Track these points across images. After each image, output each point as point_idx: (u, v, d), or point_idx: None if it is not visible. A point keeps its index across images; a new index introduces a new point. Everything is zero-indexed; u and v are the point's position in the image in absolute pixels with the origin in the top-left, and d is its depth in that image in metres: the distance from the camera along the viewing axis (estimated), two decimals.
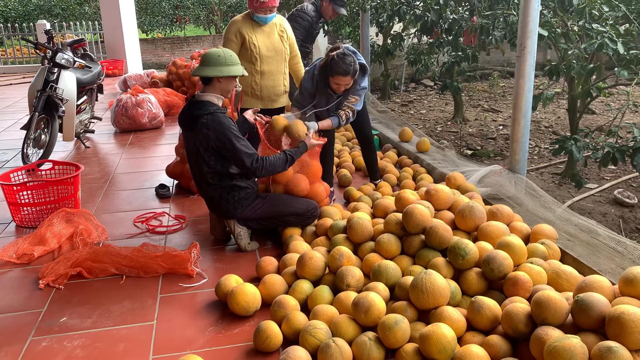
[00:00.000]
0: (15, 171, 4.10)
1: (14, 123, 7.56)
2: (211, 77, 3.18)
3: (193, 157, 3.30)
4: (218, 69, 3.14)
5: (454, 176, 3.78)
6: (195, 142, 3.21)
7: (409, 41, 8.19)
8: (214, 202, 3.35)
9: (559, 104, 7.97)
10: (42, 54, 5.61)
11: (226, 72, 3.16)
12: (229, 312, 2.70)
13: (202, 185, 3.34)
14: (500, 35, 5.17)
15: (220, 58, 3.16)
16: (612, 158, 3.66)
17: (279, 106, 4.27)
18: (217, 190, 3.27)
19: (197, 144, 3.19)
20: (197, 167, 3.29)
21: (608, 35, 3.78)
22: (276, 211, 3.39)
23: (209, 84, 3.22)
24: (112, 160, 5.66)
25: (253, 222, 3.42)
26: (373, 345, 2.23)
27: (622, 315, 1.92)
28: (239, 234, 3.38)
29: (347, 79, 3.55)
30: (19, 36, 14.08)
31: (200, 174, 3.30)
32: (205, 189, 3.33)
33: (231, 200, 3.28)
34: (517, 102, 3.76)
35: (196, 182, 3.41)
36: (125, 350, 2.45)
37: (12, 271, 3.23)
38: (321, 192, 3.64)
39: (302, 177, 3.58)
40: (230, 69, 3.17)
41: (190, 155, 3.34)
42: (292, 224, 3.45)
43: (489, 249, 2.66)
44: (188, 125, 3.23)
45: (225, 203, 3.29)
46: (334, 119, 3.78)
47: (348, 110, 3.78)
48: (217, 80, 3.19)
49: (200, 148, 3.19)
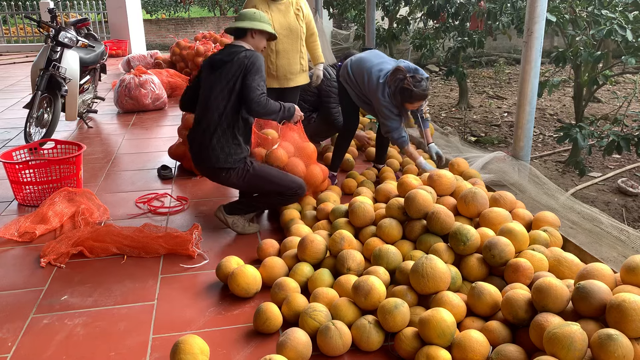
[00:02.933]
0: (18, 149, 4.09)
1: (16, 102, 7.54)
2: (245, 30, 3.33)
3: (207, 101, 3.29)
4: (253, 23, 3.32)
5: (457, 162, 3.77)
6: (219, 81, 3.24)
7: (415, 25, 8.12)
8: (205, 150, 3.25)
9: (564, 92, 7.91)
10: (45, 33, 5.57)
11: (259, 26, 3.33)
12: (229, 293, 2.71)
13: (205, 132, 3.25)
14: (508, 21, 5.12)
15: (256, 15, 3.36)
16: (617, 146, 3.64)
17: (295, 85, 4.29)
18: (216, 136, 3.23)
19: (222, 81, 3.22)
20: (207, 112, 3.26)
21: (617, 22, 3.74)
22: (260, 185, 3.36)
23: (243, 37, 3.36)
24: (115, 141, 5.65)
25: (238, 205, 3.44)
26: (372, 329, 2.24)
27: (622, 303, 1.91)
28: (233, 223, 3.39)
29: (425, 100, 3.68)
30: (22, 15, 13.99)
31: (207, 119, 3.26)
32: (203, 136, 3.25)
33: (225, 150, 3.22)
34: (523, 88, 3.72)
35: (195, 131, 3.34)
36: (126, 329, 2.46)
37: (13, 249, 3.24)
38: (317, 174, 3.63)
39: (298, 161, 3.57)
40: (263, 25, 3.34)
41: (204, 100, 3.31)
42: (274, 205, 3.49)
43: (491, 235, 2.65)
44: (218, 64, 3.28)
45: (218, 150, 3.21)
46: (426, 123, 3.93)
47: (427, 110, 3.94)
48: (250, 35, 3.34)
49: (222, 86, 3.22)
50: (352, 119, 4.12)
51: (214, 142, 3.23)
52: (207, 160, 3.28)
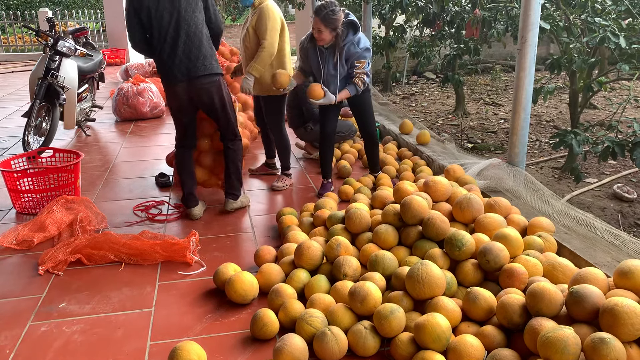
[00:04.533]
0: (16, 158, 4.11)
1: (15, 110, 7.57)
2: None
3: (183, 17, 3.44)
4: None
5: (453, 168, 3.79)
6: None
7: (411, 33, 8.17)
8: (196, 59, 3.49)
9: (560, 99, 7.96)
10: (43, 42, 5.60)
11: None
12: (226, 300, 2.73)
13: (192, 44, 3.47)
14: (503, 28, 5.16)
15: None
16: (612, 152, 3.66)
17: (256, 94, 4.32)
18: (203, 46, 3.52)
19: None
20: (187, 27, 3.45)
21: (610, 29, 3.78)
22: (226, 104, 3.72)
23: None
24: (113, 149, 5.67)
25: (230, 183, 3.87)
26: (369, 334, 2.25)
27: (615, 307, 1.93)
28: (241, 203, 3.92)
29: (319, 23, 3.64)
30: (21, 24, 14.05)
31: (189, 33, 3.46)
32: (191, 47, 3.47)
33: (214, 56, 3.58)
34: (518, 95, 3.76)
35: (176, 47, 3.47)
36: (124, 336, 2.47)
37: (12, 257, 3.25)
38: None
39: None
40: None
41: (178, 18, 3.43)
42: (239, 160, 3.91)
43: (486, 240, 2.68)
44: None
45: (209, 57, 3.53)
46: (350, 87, 3.84)
47: (360, 75, 3.80)
48: None
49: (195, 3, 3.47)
50: (328, 124, 4.08)
51: (204, 51, 3.49)
52: (207, 67, 3.50)
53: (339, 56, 3.75)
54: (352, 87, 3.85)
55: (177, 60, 3.45)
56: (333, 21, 3.63)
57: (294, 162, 5.14)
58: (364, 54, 3.77)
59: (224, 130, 3.80)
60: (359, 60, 3.76)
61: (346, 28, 3.71)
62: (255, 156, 5.34)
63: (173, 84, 3.52)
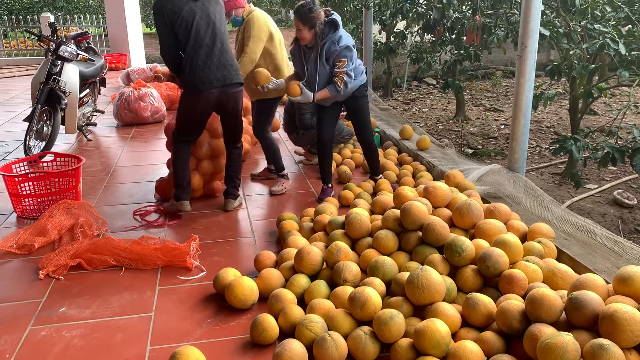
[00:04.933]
0: (17, 162, 4.12)
1: (16, 115, 7.59)
2: None
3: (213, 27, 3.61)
4: None
5: (453, 174, 3.80)
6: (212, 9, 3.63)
7: (412, 39, 8.20)
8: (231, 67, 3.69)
9: (561, 105, 7.97)
10: (45, 47, 5.63)
11: None
12: (226, 305, 2.73)
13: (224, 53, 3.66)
14: (503, 35, 5.18)
15: None
16: (612, 158, 3.67)
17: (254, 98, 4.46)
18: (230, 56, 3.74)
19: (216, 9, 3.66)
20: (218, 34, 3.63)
21: (610, 36, 3.79)
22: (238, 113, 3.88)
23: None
24: (114, 154, 5.69)
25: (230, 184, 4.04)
26: (368, 340, 2.25)
27: (615, 314, 1.93)
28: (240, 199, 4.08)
29: (297, 21, 3.70)
30: (23, 28, 14.11)
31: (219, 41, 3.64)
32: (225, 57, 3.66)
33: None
34: (518, 101, 3.77)
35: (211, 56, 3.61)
36: (123, 341, 2.47)
37: (12, 261, 3.25)
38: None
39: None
40: None
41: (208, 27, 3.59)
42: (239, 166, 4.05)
43: (486, 246, 2.68)
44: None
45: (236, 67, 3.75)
46: (330, 87, 3.81)
47: (341, 75, 3.77)
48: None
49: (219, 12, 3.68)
50: (326, 129, 4.09)
51: (235, 61, 3.72)
52: (234, 76, 3.68)
53: (318, 54, 3.75)
54: (331, 87, 3.81)
55: (214, 67, 3.56)
56: (310, 19, 3.65)
57: (293, 167, 5.15)
58: (344, 53, 3.73)
59: (234, 136, 3.95)
60: (339, 59, 3.74)
61: (326, 26, 3.72)
62: (256, 161, 5.35)
63: (206, 89, 3.57)
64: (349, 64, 3.76)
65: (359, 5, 8.39)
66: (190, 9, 3.49)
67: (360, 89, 3.98)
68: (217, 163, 4.29)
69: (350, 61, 3.76)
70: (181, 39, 3.52)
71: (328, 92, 3.82)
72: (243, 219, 3.91)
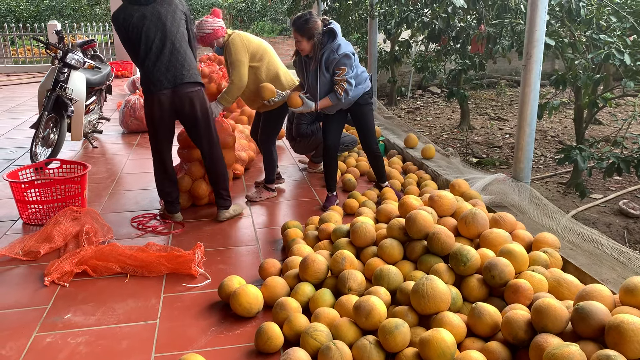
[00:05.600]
0: (24, 169, 4.15)
1: (23, 122, 7.63)
2: None
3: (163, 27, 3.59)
4: None
5: (458, 183, 3.80)
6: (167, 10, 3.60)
7: (417, 48, 8.22)
8: (182, 67, 3.63)
9: (565, 114, 7.97)
10: (52, 54, 5.67)
11: None
12: (231, 313, 2.73)
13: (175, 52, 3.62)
14: (508, 44, 5.19)
15: None
16: (617, 168, 3.67)
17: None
18: (188, 55, 3.70)
19: (171, 10, 3.61)
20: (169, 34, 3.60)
21: (615, 46, 3.80)
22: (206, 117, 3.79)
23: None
24: (119, 161, 5.71)
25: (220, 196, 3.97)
26: (373, 349, 2.25)
27: (621, 324, 1.93)
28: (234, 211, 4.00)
29: (295, 33, 3.74)
30: (30, 36, 14.22)
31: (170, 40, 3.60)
32: (174, 55, 3.61)
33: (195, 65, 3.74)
34: (523, 110, 3.78)
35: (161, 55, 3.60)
36: (128, 348, 2.47)
37: (18, 268, 3.27)
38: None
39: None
40: None
41: (162, 28, 3.58)
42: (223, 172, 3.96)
43: (491, 256, 2.67)
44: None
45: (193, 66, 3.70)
46: (331, 96, 3.83)
47: (341, 83, 3.77)
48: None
49: (172, 13, 3.62)
50: (331, 136, 4.10)
51: (189, 61, 3.65)
52: (186, 76, 3.60)
53: (318, 64, 3.77)
54: (332, 95, 3.82)
55: (164, 67, 3.56)
56: (307, 30, 3.68)
57: (297, 174, 5.16)
58: (343, 61, 3.73)
59: (199, 143, 3.84)
60: (339, 67, 3.74)
61: (324, 36, 3.73)
62: (261, 169, 5.36)
63: (157, 90, 3.59)
64: (349, 72, 3.76)
65: (364, 15, 8.43)
66: (141, 15, 3.52)
67: (364, 96, 3.99)
68: None
69: (350, 69, 3.77)
70: (135, 44, 3.57)
71: (329, 101, 3.84)
72: (247, 226, 3.91)
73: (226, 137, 4.31)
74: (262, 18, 21.97)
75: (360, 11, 8.62)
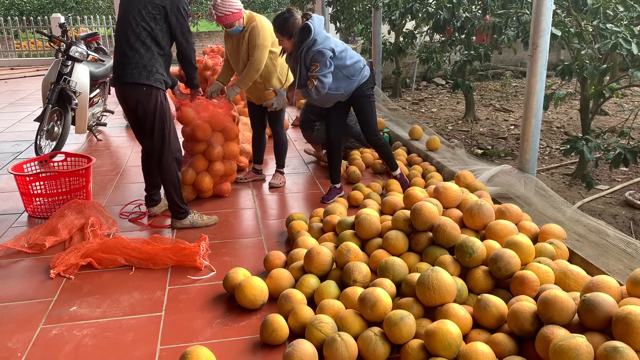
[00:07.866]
0: (29, 162, 4.15)
1: (27, 115, 7.64)
2: None
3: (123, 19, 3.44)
4: None
5: (463, 175, 3.78)
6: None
7: (421, 39, 8.17)
8: (128, 65, 3.40)
9: (571, 105, 7.92)
10: (56, 47, 5.66)
11: None
12: (236, 305, 2.73)
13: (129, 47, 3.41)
14: (513, 35, 5.15)
15: None
16: (624, 159, 3.64)
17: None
18: (140, 52, 3.41)
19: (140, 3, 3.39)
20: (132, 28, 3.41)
21: (622, 36, 3.76)
22: (162, 125, 3.53)
23: None
24: (124, 153, 5.71)
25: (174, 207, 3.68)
26: (378, 341, 2.24)
27: (628, 316, 1.91)
28: (193, 222, 3.71)
29: (277, 34, 3.79)
30: (33, 29, 14.20)
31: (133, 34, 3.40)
32: (124, 50, 3.42)
33: (146, 68, 3.41)
34: (528, 101, 3.75)
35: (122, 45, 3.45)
36: (134, 340, 2.48)
37: (23, 260, 3.27)
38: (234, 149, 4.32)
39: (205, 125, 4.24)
40: None
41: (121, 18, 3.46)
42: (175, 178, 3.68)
43: (497, 247, 2.66)
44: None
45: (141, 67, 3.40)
46: (303, 91, 3.86)
47: (312, 79, 3.75)
48: None
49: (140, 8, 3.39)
50: (335, 129, 4.12)
51: (138, 59, 3.40)
52: (128, 75, 3.39)
53: (298, 60, 3.79)
54: (304, 90, 3.84)
55: (116, 62, 3.51)
56: (286, 29, 3.72)
57: (302, 167, 5.15)
58: (316, 58, 3.69)
59: (149, 144, 3.61)
60: (312, 63, 3.73)
61: (301, 33, 3.72)
62: (265, 161, 5.34)
63: (113, 85, 3.59)
64: (322, 69, 3.72)
65: (368, 5, 8.38)
66: (122, 4, 3.48)
67: (361, 88, 3.96)
68: (229, 165, 4.30)
69: (324, 66, 3.72)
70: None
71: (301, 95, 3.90)
72: (252, 219, 3.91)
73: (230, 129, 4.29)
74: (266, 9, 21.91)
75: (365, 2, 8.57)
